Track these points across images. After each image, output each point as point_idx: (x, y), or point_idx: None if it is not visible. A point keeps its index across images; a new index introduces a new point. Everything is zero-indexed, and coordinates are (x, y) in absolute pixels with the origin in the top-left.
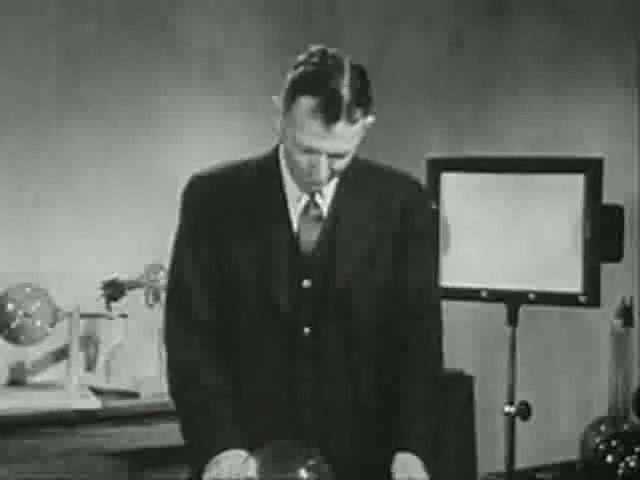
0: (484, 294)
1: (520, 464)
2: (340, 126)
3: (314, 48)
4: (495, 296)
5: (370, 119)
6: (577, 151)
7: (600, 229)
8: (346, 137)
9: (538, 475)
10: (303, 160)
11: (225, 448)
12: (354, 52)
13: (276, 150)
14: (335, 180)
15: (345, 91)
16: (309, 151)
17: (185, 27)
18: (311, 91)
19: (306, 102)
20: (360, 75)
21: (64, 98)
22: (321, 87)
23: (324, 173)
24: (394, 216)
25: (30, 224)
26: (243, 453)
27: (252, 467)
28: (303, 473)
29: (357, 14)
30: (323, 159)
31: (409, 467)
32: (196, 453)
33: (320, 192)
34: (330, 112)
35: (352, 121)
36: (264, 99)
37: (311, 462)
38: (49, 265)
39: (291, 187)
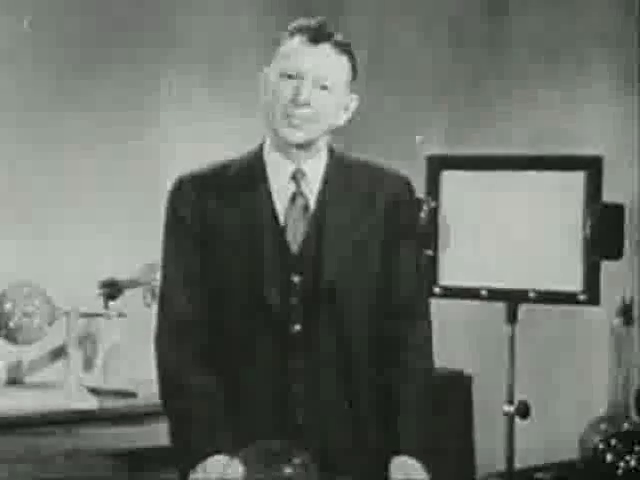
0: (483, 293)
1: (519, 464)
2: (325, 47)
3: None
4: (494, 295)
5: (355, 98)
6: (577, 149)
7: (600, 227)
8: (329, 62)
9: (537, 475)
10: (287, 89)
11: (211, 454)
12: (354, 48)
13: (260, 147)
14: (321, 174)
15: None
16: (293, 75)
17: (184, 24)
18: (302, 30)
19: (297, 36)
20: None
21: (61, 98)
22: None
23: (306, 92)
24: (381, 212)
25: (28, 223)
26: (229, 458)
27: (239, 469)
28: (289, 471)
29: (357, 11)
30: (307, 80)
31: (407, 467)
32: (183, 458)
33: (304, 175)
34: (317, 32)
35: (338, 47)
36: None
37: (296, 460)
38: (47, 264)
39: (276, 180)
